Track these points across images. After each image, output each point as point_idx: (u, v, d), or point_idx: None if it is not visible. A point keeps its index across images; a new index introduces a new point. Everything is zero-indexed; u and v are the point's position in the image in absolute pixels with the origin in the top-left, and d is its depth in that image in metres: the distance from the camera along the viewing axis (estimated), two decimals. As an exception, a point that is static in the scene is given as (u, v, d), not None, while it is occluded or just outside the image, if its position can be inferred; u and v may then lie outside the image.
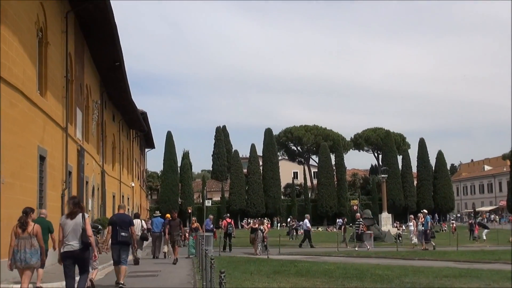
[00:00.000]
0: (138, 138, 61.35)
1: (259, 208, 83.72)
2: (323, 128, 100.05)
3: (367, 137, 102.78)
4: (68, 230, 11.05)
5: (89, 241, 11.08)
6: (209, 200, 59.38)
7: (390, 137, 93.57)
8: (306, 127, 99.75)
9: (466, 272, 17.50)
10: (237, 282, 15.25)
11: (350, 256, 26.59)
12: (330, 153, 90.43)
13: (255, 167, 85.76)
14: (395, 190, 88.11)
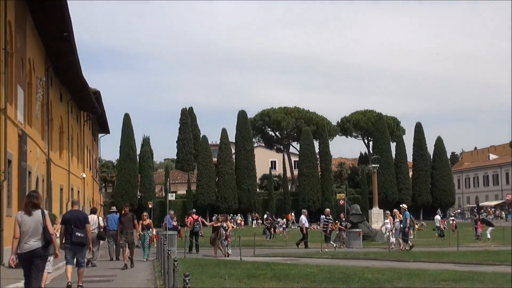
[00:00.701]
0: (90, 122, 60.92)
1: (231, 203, 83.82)
2: (306, 111, 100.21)
3: (356, 121, 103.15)
4: (27, 228, 11.20)
5: (51, 239, 11.35)
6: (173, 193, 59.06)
7: (382, 121, 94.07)
8: (285, 109, 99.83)
9: (467, 276, 17.70)
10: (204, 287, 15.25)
11: (335, 258, 26.76)
12: (313, 139, 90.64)
13: (226, 156, 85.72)
14: (388, 182, 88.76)
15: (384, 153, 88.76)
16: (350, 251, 31.22)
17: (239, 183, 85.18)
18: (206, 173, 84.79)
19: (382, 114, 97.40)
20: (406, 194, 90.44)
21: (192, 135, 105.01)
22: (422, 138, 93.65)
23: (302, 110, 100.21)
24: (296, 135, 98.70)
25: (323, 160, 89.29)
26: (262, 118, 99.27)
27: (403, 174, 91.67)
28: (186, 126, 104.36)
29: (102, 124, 67.99)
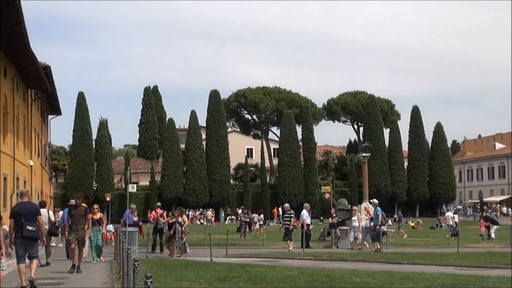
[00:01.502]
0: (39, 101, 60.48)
1: (201, 196, 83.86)
2: (287, 91, 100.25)
3: (345, 104, 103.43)
4: None
5: None
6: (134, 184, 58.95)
7: (374, 104, 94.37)
8: (264, 89, 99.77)
9: (467, 280, 17.89)
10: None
11: (319, 259, 26.90)
12: (295, 124, 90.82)
13: (196, 142, 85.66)
14: (380, 174, 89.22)
15: (376, 141, 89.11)
16: (336, 251, 31.41)
17: (210, 174, 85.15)
18: (172, 161, 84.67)
19: (374, 96, 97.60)
20: (401, 188, 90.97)
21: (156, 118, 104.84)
22: (420, 124, 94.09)
23: (283, 90, 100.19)
24: (276, 119, 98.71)
25: (306, 148, 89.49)
26: (237, 99, 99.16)
27: (398, 164, 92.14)
28: (150, 108, 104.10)
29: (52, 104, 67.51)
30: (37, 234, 15.49)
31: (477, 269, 22.31)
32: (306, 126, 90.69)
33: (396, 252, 30.50)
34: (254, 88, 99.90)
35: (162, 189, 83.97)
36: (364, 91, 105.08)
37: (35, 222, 15.44)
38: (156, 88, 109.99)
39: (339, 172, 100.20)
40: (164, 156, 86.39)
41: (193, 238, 40.49)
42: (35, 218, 15.51)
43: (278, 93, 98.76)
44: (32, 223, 15.37)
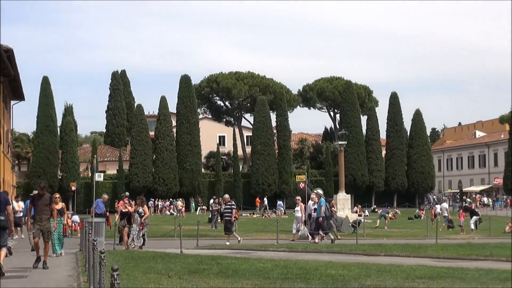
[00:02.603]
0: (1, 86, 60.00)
1: (171, 185, 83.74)
2: (261, 77, 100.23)
3: (321, 90, 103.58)
4: None
5: None
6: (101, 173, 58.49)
7: (351, 91, 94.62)
8: (237, 74, 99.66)
9: (446, 272, 18.00)
10: (137, 285, 15.23)
11: (293, 251, 26.96)
12: (269, 110, 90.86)
13: (165, 129, 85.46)
14: (357, 163, 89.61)
15: (353, 128, 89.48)
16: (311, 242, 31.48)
17: (181, 162, 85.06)
18: (141, 149, 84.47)
19: (351, 82, 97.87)
20: (378, 177, 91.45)
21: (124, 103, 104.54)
22: (398, 111, 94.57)
23: (257, 76, 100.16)
24: (249, 106, 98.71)
25: (281, 136, 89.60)
26: (209, 85, 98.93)
27: (375, 153, 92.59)
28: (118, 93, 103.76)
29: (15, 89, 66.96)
30: (6, 224, 15.50)
31: (456, 260, 22.47)
32: (281, 113, 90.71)
33: (373, 243, 30.63)
34: (227, 73, 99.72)
35: (130, 178, 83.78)
36: (340, 77, 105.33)
37: (4, 212, 15.44)
38: (124, 73, 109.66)
39: (314, 160, 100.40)
40: (133, 144, 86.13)
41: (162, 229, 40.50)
42: (4, 207, 15.49)
43: (252, 78, 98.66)
44: (1, 213, 15.37)
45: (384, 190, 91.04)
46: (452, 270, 18.45)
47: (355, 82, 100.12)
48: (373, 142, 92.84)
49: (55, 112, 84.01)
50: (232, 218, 31.96)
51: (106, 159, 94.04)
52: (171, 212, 75.35)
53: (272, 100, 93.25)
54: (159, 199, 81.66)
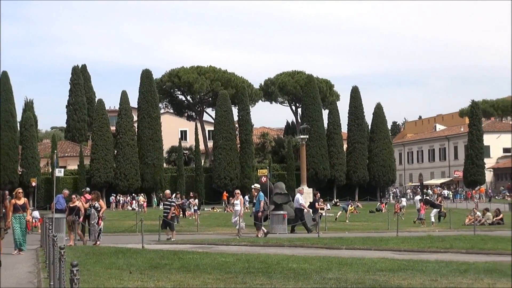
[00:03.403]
0: (-41, 81, 59.36)
1: (133, 180, 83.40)
2: (223, 71, 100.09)
3: (282, 84, 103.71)
4: None
5: None
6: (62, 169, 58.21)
7: (313, 85, 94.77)
8: (199, 69, 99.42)
9: (407, 265, 18.17)
10: (98, 280, 15.20)
11: (256, 245, 27.05)
12: (231, 105, 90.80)
13: (127, 124, 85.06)
14: (318, 157, 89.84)
15: (314, 122, 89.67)
16: (273, 237, 31.56)
17: (142, 157, 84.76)
18: (102, 144, 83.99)
19: (312, 76, 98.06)
20: (339, 170, 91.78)
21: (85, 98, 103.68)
22: (359, 105, 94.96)
23: (218, 70, 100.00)
24: (211, 100, 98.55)
25: (242, 130, 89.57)
26: (170, 79, 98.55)
27: (337, 147, 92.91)
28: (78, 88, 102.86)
29: (-27, 84, 66.39)
30: None
31: (416, 253, 22.69)
32: (242, 107, 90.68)
33: (334, 237, 30.81)
34: (188, 67, 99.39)
35: (92, 173, 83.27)
36: (302, 71, 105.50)
37: None
38: (84, 67, 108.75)
39: (276, 154, 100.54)
40: (94, 139, 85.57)
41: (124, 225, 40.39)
42: None
43: (213, 72, 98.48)
44: None
45: (345, 183, 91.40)
46: (412, 263, 18.63)
47: (316, 76, 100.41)
48: (335, 136, 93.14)
49: (15, 107, 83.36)
50: (169, 215, 31.12)
51: (67, 155, 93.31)
52: (132, 207, 75.13)
53: (234, 95, 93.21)
54: (120, 194, 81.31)
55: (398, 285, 14.56)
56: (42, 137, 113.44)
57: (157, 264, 18.79)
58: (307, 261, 19.25)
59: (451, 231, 35.56)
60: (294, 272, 16.64)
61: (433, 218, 43.19)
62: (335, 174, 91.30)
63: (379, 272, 16.63)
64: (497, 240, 26.73)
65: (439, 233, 32.96)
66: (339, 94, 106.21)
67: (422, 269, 17.27)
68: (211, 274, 16.52)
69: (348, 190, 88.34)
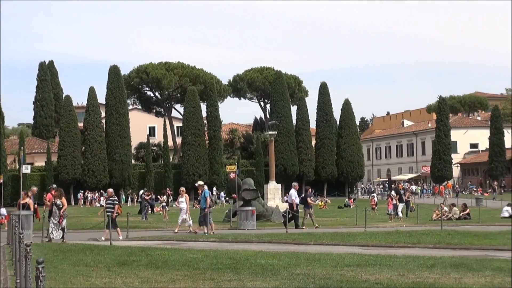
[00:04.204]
0: None
1: (101, 176, 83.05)
2: (191, 67, 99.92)
3: (251, 80, 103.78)
4: None
5: None
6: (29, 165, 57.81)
7: (281, 81, 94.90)
8: (167, 64, 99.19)
9: (374, 260, 18.30)
10: (65, 277, 15.14)
11: (224, 241, 27.06)
12: (200, 101, 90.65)
13: (95, 120, 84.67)
14: (287, 153, 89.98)
15: (283, 118, 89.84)
16: (242, 233, 31.59)
17: (110, 153, 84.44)
18: (69, 141, 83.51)
19: (281, 72, 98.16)
20: (308, 166, 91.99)
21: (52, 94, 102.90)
22: (328, 101, 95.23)
23: (187, 66, 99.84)
24: (179, 96, 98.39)
25: (211, 126, 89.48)
26: (138, 75, 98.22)
27: (305, 143, 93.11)
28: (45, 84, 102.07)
29: None
30: None
31: (384, 248, 22.85)
32: (211, 103, 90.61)
33: (302, 232, 30.91)
34: (157, 63, 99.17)
35: (59, 170, 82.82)
36: (271, 67, 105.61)
37: None
38: (52, 63, 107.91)
39: (245, 150, 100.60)
40: (61, 135, 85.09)
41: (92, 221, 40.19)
42: None
43: (182, 68, 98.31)
44: None
45: (314, 179, 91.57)
46: (380, 258, 18.76)
47: (285, 72, 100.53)
48: (303, 132, 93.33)
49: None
50: (114, 214, 30.00)
51: (34, 151, 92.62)
52: (101, 204, 74.75)
53: (203, 91, 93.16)
54: (88, 191, 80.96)
55: (365, 280, 14.64)
56: (9, 134, 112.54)
57: (125, 260, 18.75)
58: (275, 256, 19.30)
59: (418, 226, 35.76)
60: (262, 268, 16.68)
61: (400, 213, 43.44)
62: (303, 170, 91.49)
63: (347, 267, 16.72)
64: (464, 235, 26.95)
65: (407, 228, 33.13)
66: (307, 90, 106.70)
67: (390, 264, 17.38)
68: (179, 270, 16.52)
69: (316, 186, 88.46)
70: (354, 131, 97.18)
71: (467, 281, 14.33)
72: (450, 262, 17.71)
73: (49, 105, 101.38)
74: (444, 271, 15.88)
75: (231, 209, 41.97)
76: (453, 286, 13.75)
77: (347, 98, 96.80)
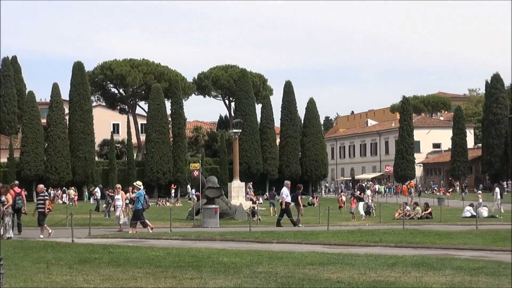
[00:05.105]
0: None
1: (64, 173, 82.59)
2: (156, 64, 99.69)
3: (216, 78, 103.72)
4: None
5: None
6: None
7: (246, 79, 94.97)
8: (131, 61, 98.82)
9: (336, 258, 18.36)
10: (26, 275, 15.04)
11: (187, 239, 27.00)
12: (164, 98, 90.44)
13: (58, 117, 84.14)
14: (251, 151, 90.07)
15: (247, 117, 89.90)
16: (205, 231, 31.54)
17: (74, 150, 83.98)
18: (32, 137, 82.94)
19: (246, 70, 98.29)
20: (272, 165, 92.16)
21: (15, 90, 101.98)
22: (292, 99, 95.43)
23: (151, 63, 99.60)
24: (144, 93, 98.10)
25: (175, 124, 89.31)
26: (103, 72, 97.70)
27: (270, 141, 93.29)
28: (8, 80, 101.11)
29: None
30: None
31: (346, 247, 22.94)
32: (176, 101, 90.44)
33: (266, 231, 30.93)
34: (121, 60, 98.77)
35: (22, 166, 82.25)
36: (236, 65, 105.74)
37: None
38: (15, 59, 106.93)
39: (209, 148, 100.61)
40: (24, 132, 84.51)
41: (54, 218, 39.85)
42: None
43: (147, 66, 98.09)
44: None
45: (278, 178, 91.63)
46: (342, 256, 18.84)
47: (250, 71, 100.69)
48: (268, 130, 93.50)
49: None
50: (45, 210, 29.57)
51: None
52: (63, 201, 74.28)
53: (167, 88, 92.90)
54: (51, 187, 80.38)
55: (327, 278, 14.69)
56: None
57: (86, 258, 18.66)
58: (238, 255, 19.32)
59: (381, 225, 35.95)
60: (224, 266, 16.69)
61: (362, 212, 43.63)
62: (267, 168, 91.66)
63: (309, 266, 16.77)
64: (425, 234, 27.13)
65: (369, 227, 33.28)
66: (272, 89, 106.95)
67: (352, 262, 17.46)
68: (141, 268, 16.48)
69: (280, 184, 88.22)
70: (318, 130, 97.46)
71: (428, 280, 14.43)
72: (411, 261, 17.83)
73: (12, 101, 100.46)
74: (405, 270, 15.98)
75: (195, 207, 41.90)
76: (413, 285, 13.85)
77: (312, 97, 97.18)
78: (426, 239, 24.88)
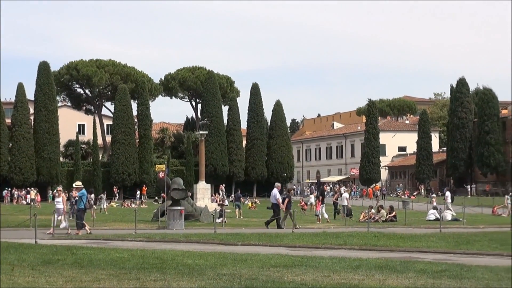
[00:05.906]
0: None
1: (28, 174, 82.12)
2: (123, 65, 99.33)
3: (183, 79, 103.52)
4: None
5: None
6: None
7: (213, 81, 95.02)
8: (98, 62, 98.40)
9: (301, 261, 18.38)
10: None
11: (151, 241, 26.92)
12: (130, 99, 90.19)
13: (23, 117, 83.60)
14: (218, 153, 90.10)
15: (214, 118, 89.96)
16: (170, 232, 31.46)
17: (38, 151, 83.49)
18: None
19: (213, 72, 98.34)
20: (238, 167, 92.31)
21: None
22: (259, 101, 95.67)
23: (118, 64, 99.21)
24: (110, 94, 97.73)
25: (142, 125, 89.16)
26: (68, 72, 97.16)
27: (236, 143, 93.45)
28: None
29: None
30: None
31: (311, 249, 23.00)
32: (142, 102, 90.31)
33: (231, 233, 30.91)
34: (87, 60, 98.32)
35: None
36: (203, 67, 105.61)
37: None
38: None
39: (175, 150, 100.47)
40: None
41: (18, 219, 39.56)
42: None
43: (113, 66, 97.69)
44: None
45: (244, 180, 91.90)
46: (306, 259, 18.87)
47: (217, 72, 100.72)
48: (234, 132, 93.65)
49: None
50: None
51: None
52: (27, 201, 73.73)
53: (134, 89, 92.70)
54: (15, 188, 79.74)
55: (291, 280, 14.69)
56: None
57: (49, 259, 18.49)
58: (202, 257, 19.29)
59: (346, 228, 36.04)
60: (188, 268, 16.65)
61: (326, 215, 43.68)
62: (233, 170, 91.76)
63: (273, 268, 16.78)
64: (389, 237, 27.26)
65: (334, 229, 33.36)
66: (239, 91, 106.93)
67: (316, 265, 17.49)
68: (105, 269, 16.38)
69: (246, 186, 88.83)
70: (284, 132, 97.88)
71: (391, 283, 14.49)
72: (375, 263, 17.90)
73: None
74: (369, 273, 16.04)
75: (160, 209, 41.78)
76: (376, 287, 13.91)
77: (279, 99, 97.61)
78: (390, 242, 25.02)
